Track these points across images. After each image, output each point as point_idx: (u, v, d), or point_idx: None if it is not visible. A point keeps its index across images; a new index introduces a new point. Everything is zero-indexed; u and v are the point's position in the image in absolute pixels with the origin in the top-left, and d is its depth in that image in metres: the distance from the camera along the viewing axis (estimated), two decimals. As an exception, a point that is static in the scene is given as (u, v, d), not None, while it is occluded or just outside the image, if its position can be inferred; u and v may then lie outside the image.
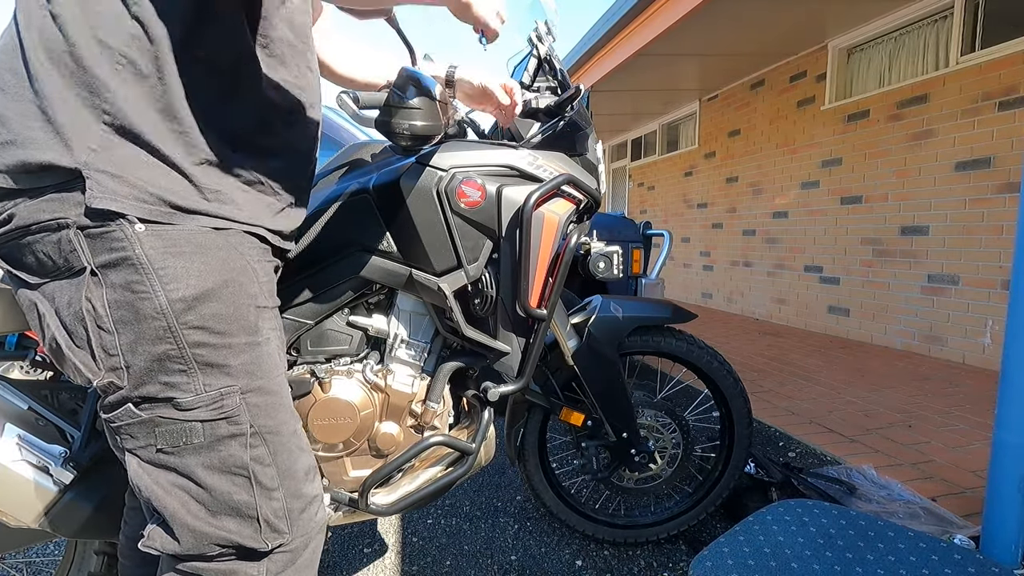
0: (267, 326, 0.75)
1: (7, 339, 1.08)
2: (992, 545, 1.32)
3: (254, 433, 0.72)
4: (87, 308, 0.65)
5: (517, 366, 1.17)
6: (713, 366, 1.51)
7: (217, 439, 0.70)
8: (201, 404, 0.68)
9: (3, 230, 0.66)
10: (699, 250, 6.79)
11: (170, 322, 0.66)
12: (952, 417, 2.53)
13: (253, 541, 0.72)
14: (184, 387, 0.68)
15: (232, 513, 0.71)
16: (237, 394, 0.70)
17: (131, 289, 0.65)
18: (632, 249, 2.83)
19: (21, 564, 1.50)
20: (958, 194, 3.60)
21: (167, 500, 0.69)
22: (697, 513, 1.61)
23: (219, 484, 0.70)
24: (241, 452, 0.71)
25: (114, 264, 0.64)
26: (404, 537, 1.70)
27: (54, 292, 0.67)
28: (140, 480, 0.70)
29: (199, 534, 0.70)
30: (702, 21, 4.09)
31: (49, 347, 0.68)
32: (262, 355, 0.73)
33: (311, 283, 1.09)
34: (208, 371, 0.69)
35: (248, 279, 0.72)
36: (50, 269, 0.66)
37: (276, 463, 0.74)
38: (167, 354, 0.67)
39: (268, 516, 0.73)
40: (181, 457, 0.69)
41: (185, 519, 0.70)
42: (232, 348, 0.70)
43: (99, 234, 0.64)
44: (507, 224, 1.10)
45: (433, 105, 0.97)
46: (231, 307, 0.70)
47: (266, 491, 0.73)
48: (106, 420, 0.70)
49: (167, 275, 0.65)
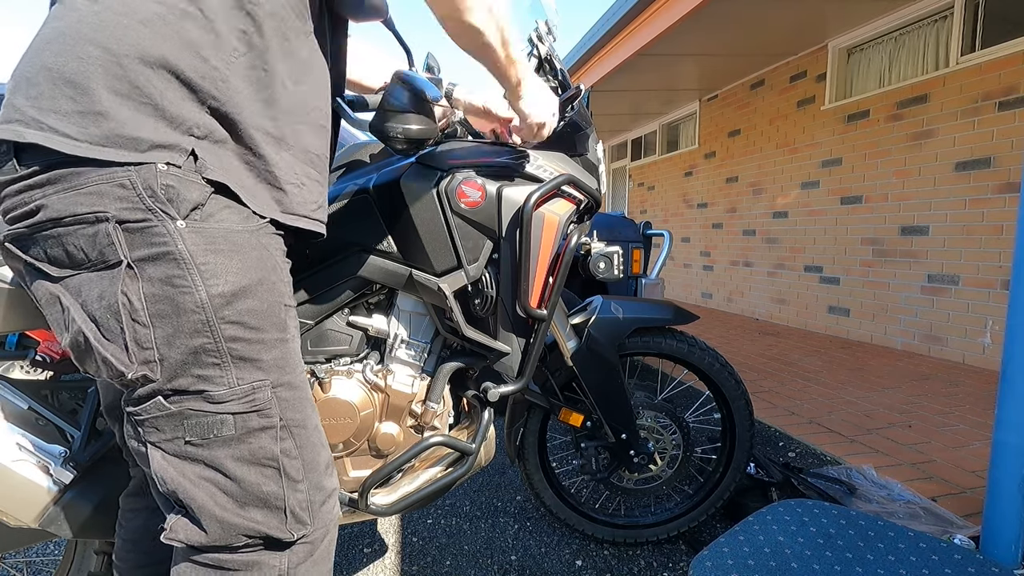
0: (292, 324, 0.77)
1: (7, 339, 1.08)
2: (992, 545, 1.32)
3: (283, 426, 0.73)
4: (123, 301, 0.65)
5: (517, 366, 1.17)
6: (715, 368, 1.51)
7: (248, 431, 0.71)
8: (234, 397, 0.70)
9: (31, 221, 0.65)
10: (699, 250, 6.78)
11: (208, 316, 0.67)
12: (952, 417, 2.53)
13: (280, 532, 0.73)
14: (217, 380, 0.69)
15: (260, 504, 0.72)
16: (268, 388, 0.72)
17: (171, 283, 0.66)
18: (632, 249, 2.83)
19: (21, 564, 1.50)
20: (958, 194, 3.60)
21: (195, 492, 0.70)
22: (698, 514, 1.61)
23: (249, 475, 0.71)
24: (272, 444, 0.72)
25: (154, 258, 0.65)
26: (404, 537, 1.70)
27: (81, 285, 0.67)
28: (165, 473, 0.71)
29: (228, 525, 0.71)
30: (702, 21, 4.09)
31: (73, 341, 0.68)
32: (290, 351, 0.76)
33: (311, 283, 1.09)
34: (241, 365, 0.70)
35: (278, 278, 0.75)
36: (79, 262, 0.66)
37: (302, 456, 0.75)
38: (203, 347, 0.68)
39: (294, 507, 0.74)
40: (210, 449, 0.70)
41: (213, 510, 0.70)
42: (265, 343, 0.72)
43: (139, 229, 0.64)
44: (507, 224, 1.10)
45: (428, 108, 0.96)
46: (265, 304, 0.72)
47: (293, 483, 0.74)
48: (130, 414, 0.71)
49: (208, 270, 0.67)
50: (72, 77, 0.63)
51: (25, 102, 0.64)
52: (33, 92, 0.64)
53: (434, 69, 1.23)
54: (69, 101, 0.63)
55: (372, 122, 0.97)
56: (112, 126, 0.63)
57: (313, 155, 0.78)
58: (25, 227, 0.66)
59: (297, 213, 0.76)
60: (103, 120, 0.63)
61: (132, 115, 0.64)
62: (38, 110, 0.63)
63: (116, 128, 0.63)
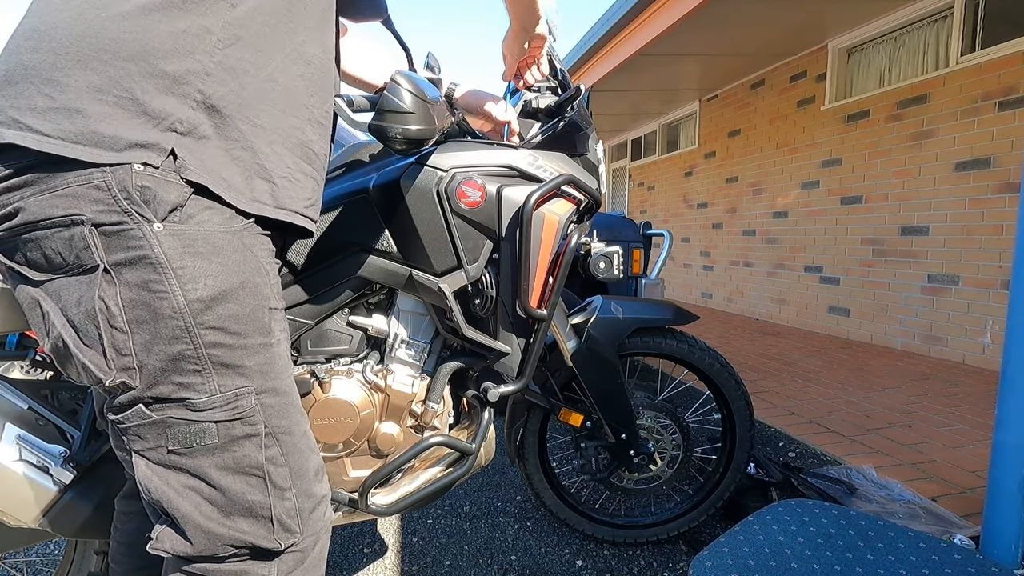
0: (278, 327, 0.75)
1: (7, 339, 1.08)
2: (992, 545, 1.32)
3: (268, 433, 0.71)
4: (100, 307, 0.63)
5: (517, 366, 1.17)
6: (715, 368, 1.51)
7: (232, 440, 0.69)
8: (216, 405, 0.68)
9: (9, 224, 0.64)
10: (699, 250, 6.78)
11: (187, 322, 0.65)
12: (952, 417, 2.53)
13: (267, 541, 0.72)
14: (198, 387, 0.67)
15: (246, 513, 0.71)
16: (252, 395, 0.70)
17: (148, 288, 0.64)
18: (632, 249, 2.83)
19: (21, 564, 1.50)
20: (958, 194, 3.60)
21: (179, 502, 0.69)
22: (698, 514, 1.61)
23: (233, 485, 0.70)
24: (256, 452, 0.70)
25: (130, 263, 0.63)
26: (404, 537, 1.70)
27: (60, 289, 0.65)
28: (149, 482, 0.69)
29: (212, 535, 0.69)
30: (702, 21, 4.09)
31: (53, 346, 0.67)
32: (274, 356, 0.73)
33: (311, 283, 1.09)
34: (223, 371, 0.68)
35: (262, 280, 0.72)
36: (57, 266, 0.65)
37: (289, 463, 0.74)
38: (183, 354, 0.66)
39: (281, 516, 0.73)
40: (193, 458, 0.69)
41: (198, 520, 0.69)
42: (247, 349, 0.70)
43: (115, 232, 0.63)
44: (507, 224, 1.10)
45: (427, 108, 0.96)
46: (247, 308, 0.69)
47: (279, 491, 0.72)
48: (113, 422, 0.69)
49: (185, 275, 0.65)
50: (49, 73, 0.62)
51: (4, 102, 0.63)
52: (12, 91, 0.63)
53: (434, 69, 1.23)
54: (45, 98, 0.61)
55: (371, 122, 0.97)
56: (88, 123, 0.61)
57: (309, 151, 0.76)
58: (4, 230, 0.65)
59: (288, 208, 0.73)
60: (79, 117, 0.61)
61: (110, 111, 0.62)
62: (16, 109, 0.62)
63: (92, 125, 0.61)
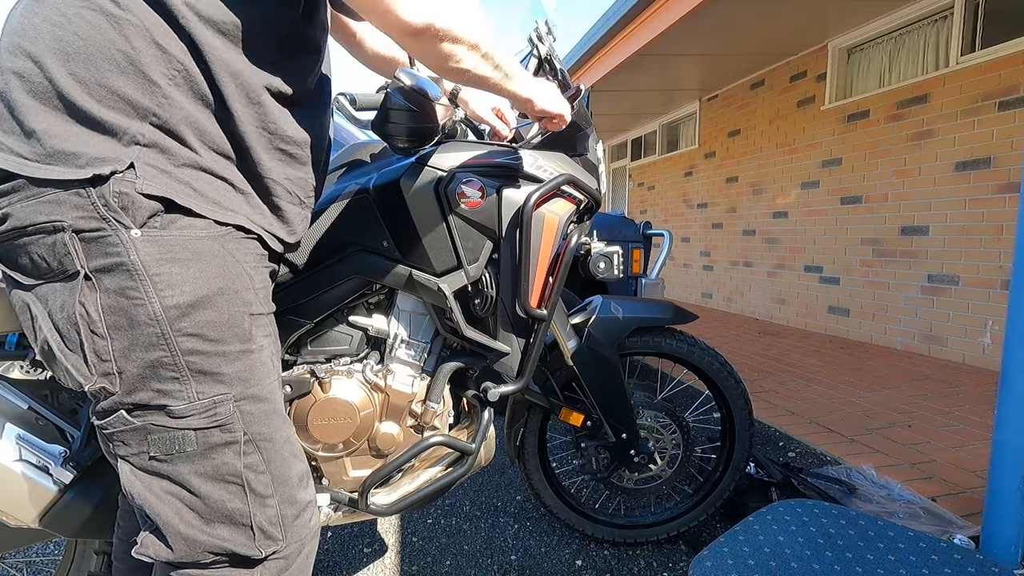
0: (260, 333, 0.75)
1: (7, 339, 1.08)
2: (992, 545, 1.32)
3: (248, 441, 0.71)
4: (80, 312, 0.64)
5: (517, 366, 1.17)
6: (714, 367, 1.51)
7: (210, 447, 0.69)
8: (194, 412, 0.68)
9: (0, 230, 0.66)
10: (699, 250, 6.78)
11: (164, 329, 0.66)
12: (952, 417, 2.53)
13: (247, 549, 0.72)
14: (177, 395, 0.67)
15: (226, 521, 0.71)
16: (231, 402, 0.70)
17: (125, 295, 0.64)
18: (632, 249, 2.83)
19: (21, 564, 1.50)
20: (958, 194, 3.60)
21: (160, 508, 0.69)
22: (698, 514, 1.61)
23: (213, 492, 0.70)
24: (235, 460, 0.71)
25: (109, 269, 0.64)
26: (404, 537, 1.70)
27: (47, 294, 0.66)
28: (133, 487, 0.70)
29: (193, 542, 0.70)
30: (702, 21, 4.09)
31: (41, 349, 0.68)
32: (255, 363, 0.73)
33: (311, 283, 1.09)
34: (201, 379, 0.68)
35: (244, 286, 0.72)
36: (44, 271, 0.66)
37: (270, 470, 0.74)
38: (160, 361, 0.66)
39: (262, 523, 0.73)
40: (174, 465, 0.69)
41: (179, 527, 0.69)
42: (226, 356, 0.70)
43: (94, 239, 0.63)
44: (507, 224, 1.10)
45: (429, 107, 0.96)
46: (225, 315, 0.69)
47: (260, 498, 0.73)
48: (99, 427, 0.70)
49: (161, 281, 0.65)
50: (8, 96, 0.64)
51: None
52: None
53: None
54: (11, 122, 0.64)
55: (373, 121, 0.97)
56: (53, 143, 0.62)
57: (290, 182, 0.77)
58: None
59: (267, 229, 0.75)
60: (46, 137, 0.62)
61: (71, 129, 0.63)
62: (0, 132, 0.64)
63: (56, 144, 0.62)
